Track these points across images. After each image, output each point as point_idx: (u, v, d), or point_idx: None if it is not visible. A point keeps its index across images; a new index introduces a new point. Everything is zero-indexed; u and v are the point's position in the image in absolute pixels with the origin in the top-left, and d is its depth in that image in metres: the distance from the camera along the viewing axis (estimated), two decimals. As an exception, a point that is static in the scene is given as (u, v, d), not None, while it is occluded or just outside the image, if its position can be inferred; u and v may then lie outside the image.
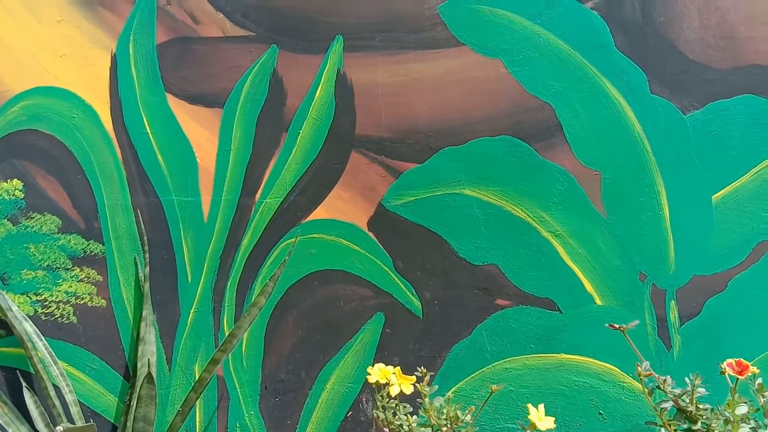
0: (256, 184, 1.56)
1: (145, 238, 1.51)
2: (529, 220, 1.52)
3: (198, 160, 1.55)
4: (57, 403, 1.34)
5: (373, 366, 1.55)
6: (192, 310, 1.54)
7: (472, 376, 1.51)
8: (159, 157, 1.55)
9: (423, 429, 1.26)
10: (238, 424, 1.54)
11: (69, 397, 1.37)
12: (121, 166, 1.55)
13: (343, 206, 1.55)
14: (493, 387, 1.29)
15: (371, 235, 1.55)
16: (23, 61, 1.54)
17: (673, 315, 1.47)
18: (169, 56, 1.55)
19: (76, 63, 1.55)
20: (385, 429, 1.32)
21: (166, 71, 1.55)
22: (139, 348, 1.45)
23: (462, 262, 1.54)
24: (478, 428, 1.31)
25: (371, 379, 1.33)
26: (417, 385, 1.23)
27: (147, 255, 1.49)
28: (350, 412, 1.55)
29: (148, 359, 1.34)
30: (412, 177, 1.54)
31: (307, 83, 1.56)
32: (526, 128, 1.52)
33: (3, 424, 1.34)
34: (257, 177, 1.56)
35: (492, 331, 1.53)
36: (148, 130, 1.55)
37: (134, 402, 1.33)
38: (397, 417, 1.26)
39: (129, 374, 1.54)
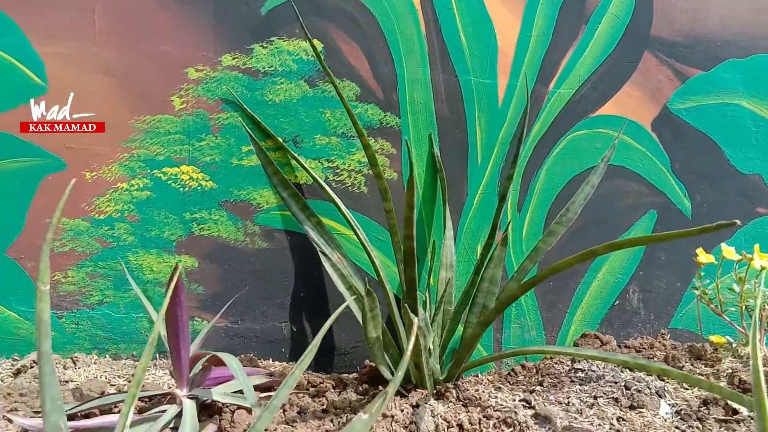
0: (552, 73, 1.58)
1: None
2: (794, 136, 1.64)
3: (498, 42, 1.55)
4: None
5: (642, 259, 1.65)
6: (479, 191, 1.57)
7: (729, 275, 1.63)
8: (461, 35, 1.53)
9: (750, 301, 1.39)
10: (513, 304, 1.59)
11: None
12: (423, 41, 1.52)
13: (630, 104, 1.61)
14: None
15: (654, 135, 1.62)
16: None
17: None
18: (483, -67, 1.52)
19: (386, -73, 1.49)
20: (710, 305, 1.43)
21: (479, -52, 1.53)
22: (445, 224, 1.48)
23: (731, 169, 1.64)
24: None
25: (701, 260, 1.43)
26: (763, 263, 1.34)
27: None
28: (617, 301, 1.63)
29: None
30: (697, 83, 1.62)
31: (611, -21, 1.58)
32: (804, 49, 1.63)
33: (345, 275, 1.33)
34: (553, 66, 1.58)
35: (750, 235, 1.65)
36: (454, 7, 1.52)
37: (485, 263, 1.36)
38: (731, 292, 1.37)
39: (414, 248, 1.55)
